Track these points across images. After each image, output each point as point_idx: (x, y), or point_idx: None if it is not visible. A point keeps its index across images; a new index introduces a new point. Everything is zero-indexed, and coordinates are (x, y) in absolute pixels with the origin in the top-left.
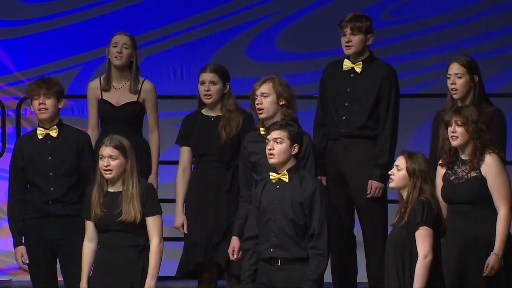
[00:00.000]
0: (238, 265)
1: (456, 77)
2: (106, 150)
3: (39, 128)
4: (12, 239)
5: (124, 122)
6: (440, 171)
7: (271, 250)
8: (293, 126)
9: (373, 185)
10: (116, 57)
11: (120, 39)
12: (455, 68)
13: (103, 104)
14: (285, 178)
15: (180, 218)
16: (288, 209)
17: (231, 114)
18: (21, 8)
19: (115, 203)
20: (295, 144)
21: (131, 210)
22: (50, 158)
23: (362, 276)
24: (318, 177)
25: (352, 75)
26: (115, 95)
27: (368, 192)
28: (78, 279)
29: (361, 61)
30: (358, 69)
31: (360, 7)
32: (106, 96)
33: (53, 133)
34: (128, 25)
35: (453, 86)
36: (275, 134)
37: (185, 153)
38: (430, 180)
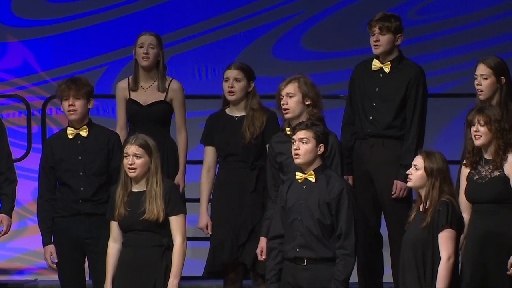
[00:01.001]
0: (264, 265)
1: (481, 78)
2: (131, 149)
3: (69, 128)
4: (37, 238)
5: (152, 121)
6: (464, 170)
7: (297, 249)
8: (319, 126)
9: (398, 185)
10: (143, 58)
11: (146, 40)
12: (481, 69)
13: (131, 104)
14: (312, 178)
15: (204, 218)
16: (315, 209)
17: (255, 113)
18: (47, 8)
19: (139, 202)
20: (321, 144)
21: (154, 209)
22: (80, 157)
23: (387, 276)
24: (345, 177)
25: (380, 75)
26: (143, 94)
27: (393, 192)
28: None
29: (390, 61)
30: (386, 69)
31: (386, 6)
32: (134, 96)
33: (83, 133)
34: (154, 25)
35: (478, 87)
36: (300, 134)
37: (209, 152)
38: (449, 180)
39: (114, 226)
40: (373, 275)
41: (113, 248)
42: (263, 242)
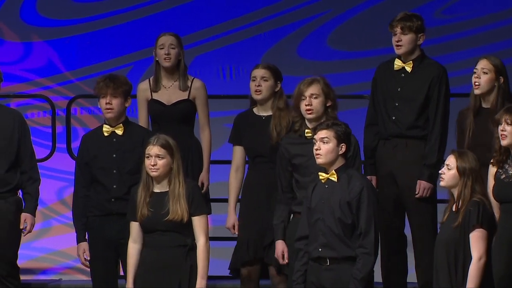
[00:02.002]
0: (289, 265)
1: (482, 72)
2: (153, 149)
3: (105, 125)
4: (62, 238)
5: (176, 120)
6: (492, 170)
7: (320, 249)
8: (340, 125)
9: (422, 185)
10: (165, 59)
11: (166, 40)
12: (483, 64)
13: (154, 104)
14: (334, 178)
15: (232, 218)
16: (336, 209)
17: (281, 113)
18: (72, 8)
19: (162, 203)
20: (342, 144)
21: (178, 210)
22: (114, 155)
23: (411, 275)
24: (368, 177)
25: (403, 75)
26: (165, 94)
27: (416, 192)
28: None
29: (412, 60)
30: (408, 68)
31: (413, 6)
32: (156, 96)
33: (119, 131)
34: (178, 25)
35: (476, 80)
36: (321, 134)
37: (238, 152)
38: (481, 179)
39: (135, 227)
40: (397, 276)
41: (134, 248)
42: (282, 245)
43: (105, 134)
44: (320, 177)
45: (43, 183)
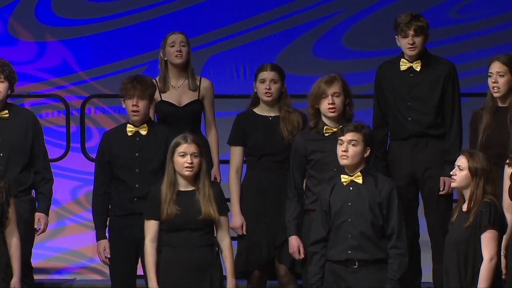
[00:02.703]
0: (300, 264)
1: (498, 75)
2: (190, 148)
3: (129, 125)
4: (76, 237)
5: (187, 121)
6: (508, 170)
7: (349, 252)
8: (367, 128)
9: (446, 182)
10: (176, 56)
11: (177, 38)
12: (497, 67)
13: (164, 105)
14: (359, 180)
15: (239, 219)
16: (366, 211)
17: (290, 114)
18: (86, 8)
19: (190, 202)
20: (368, 147)
21: (210, 209)
22: (137, 154)
23: (426, 275)
24: None
25: (411, 75)
26: (174, 94)
27: (441, 189)
28: None
29: (419, 59)
30: (417, 67)
31: (427, 6)
32: (165, 96)
33: (143, 131)
34: (192, 24)
35: (495, 85)
36: (350, 135)
37: (238, 153)
38: (493, 180)
39: (154, 226)
40: (412, 277)
41: (153, 247)
42: (297, 240)
43: (129, 133)
44: (343, 180)
45: (57, 183)
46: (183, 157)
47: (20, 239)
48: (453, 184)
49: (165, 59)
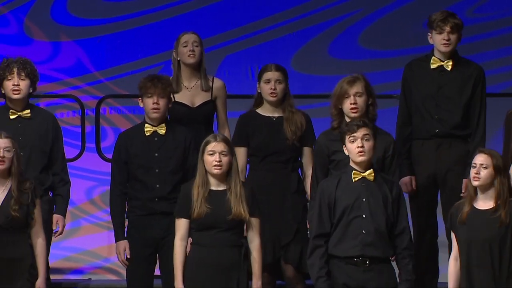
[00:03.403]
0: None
1: None
2: (219, 146)
3: (147, 125)
4: (91, 237)
5: (200, 122)
6: None
7: (362, 248)
8: (370, 123)
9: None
10: (189, 55)
11: (190, 38)
12: None
13: (177, 107)
14: (371, 177)
15: None
16: (381, 208)
17: (294, 115)
18: (101, 8)
19: (221, 201)
20: (375, 142)
21: (241, 209)
22: (156, 154)
23: (443, 276)
24: (408, 177)
25: (441, 73)
26: (187, 95)
27: (463, 191)
28: None
29: (451, 58)
30: (448, 66)
31: (444, 5)
32: (179, 97)
33: (162, 131)
34: (207, 24)
35: None
36: (363, 131)
37: (242, 153)
38: (509, 176)
39: (185, 224)
40: (430, 277)
41: (182, 246)
42: None
43: (147, 133)
44: (354, 176)
45: (72, 183)
46: (212, 155)
47: (46, 240)
48: (476, 183)
49: (178, 59)
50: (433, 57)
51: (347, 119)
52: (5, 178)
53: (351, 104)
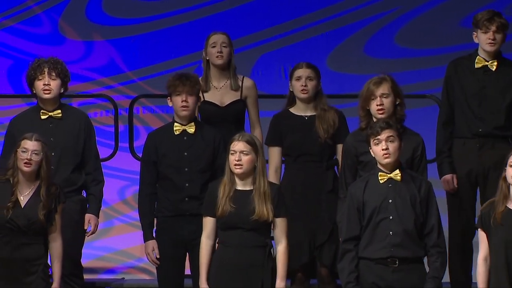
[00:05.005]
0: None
1: None
2: (239, 145)
3: (176, 124)
4: (124, 237)
5: (230, 121)
6: None
7: (391, 249)
8: (394, 124)
9: None
10: (217, 56)
11: (218, 39)
12: None
13: (207, 106)
14: (398, 177)
15: None
16: (409, 208)
17: (326, 113)
18: (136, 7)
19: (246, 201)
20: (401, 143)
21: (264, 210)
22: (185, 153)
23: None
24: (449, 176)
25: (486, 73)
26: (217, 95)
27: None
28: None
29: (496, 59)
30: (493, 66)
31: (481, 3)
32: (208, 97)
33: (191, 130)
34: (240, 24)
35: None
36: (387, 132)
37: (277, 153)
38: None
39: (211, 223)
40: (466, 276)
41: (208, 245)
42: None
43: (176, 132)
44: (381, 177)
45: (105, 183)
46: (233, 154)
47: (63, 245)
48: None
49: (207, 58)
50: (477, 56)
51: (375, 120)
52: (31, 181)
53: (377, 105)
